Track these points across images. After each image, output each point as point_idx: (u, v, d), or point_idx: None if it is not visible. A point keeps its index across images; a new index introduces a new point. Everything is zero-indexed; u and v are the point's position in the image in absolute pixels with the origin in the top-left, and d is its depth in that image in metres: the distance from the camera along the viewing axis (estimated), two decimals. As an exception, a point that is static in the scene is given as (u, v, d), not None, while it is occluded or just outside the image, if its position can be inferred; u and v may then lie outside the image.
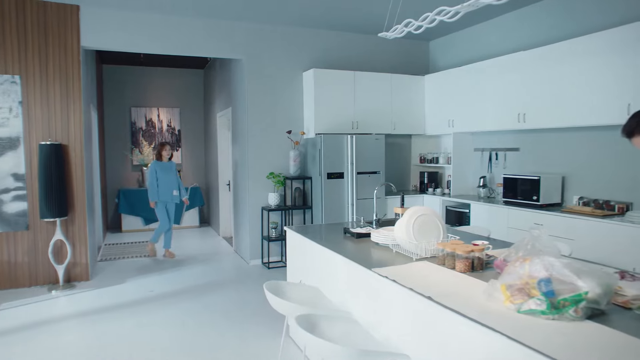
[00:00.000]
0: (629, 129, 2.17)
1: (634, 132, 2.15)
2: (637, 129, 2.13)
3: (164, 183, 6.44)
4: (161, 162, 6.49)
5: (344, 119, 6.04)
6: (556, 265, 1.76)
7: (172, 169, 6.55)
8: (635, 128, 2.14)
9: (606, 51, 4.14)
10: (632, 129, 2.15)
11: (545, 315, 1.65)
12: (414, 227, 2.59)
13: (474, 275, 2.22)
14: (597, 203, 4.52)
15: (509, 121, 5.15)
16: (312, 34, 6.27)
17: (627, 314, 1.72)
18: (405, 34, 6.34)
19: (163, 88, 9.22)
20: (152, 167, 6.42)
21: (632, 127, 2.15)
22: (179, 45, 5.72)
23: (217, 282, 5.35)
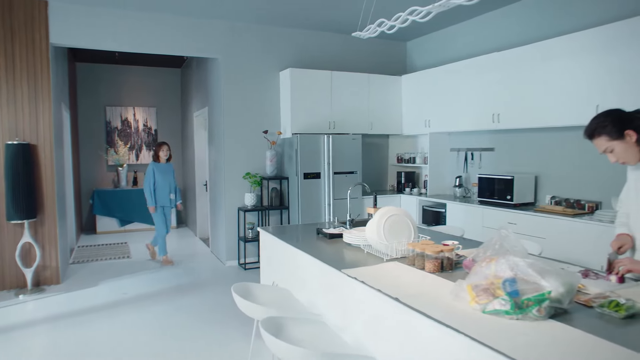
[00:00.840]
0: (589, 130, 2.19)
1: (594, 133, 2.16)
2: (597, 130, 2.15)
3: (162, 186, 6.09)
4: (159, 164, 6.14)
5: (321, 119, 6.02)
6: (521, 265, 1.77)
7: (169, 171, 6.22)
8: (595, 129, 2.16)
9: (577, 53, 4.20)
10: (593, 130, 2.17)
11: (509, 315, 1.65)
12: (385, 227, 2.57)
13: (443, 276, 2.22)
14: (569, 202, 4.59)
15: (484, 121, 5.20)
16: (288, 34, 6.23)
17: (588, 312, 1.73)
18: (382, 34, 6.37)
19: (139, 87, 9.06)
20: (149, 169, 6.07)
21: (592, 129, 2.17)
22: (154, 44, 5.62)
23: (192, 284, 5.28)
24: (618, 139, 2.10)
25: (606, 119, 2.13)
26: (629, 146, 2.11)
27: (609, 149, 2.14)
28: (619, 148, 2.12)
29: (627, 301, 1.71)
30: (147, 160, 9.09)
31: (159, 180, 6.06)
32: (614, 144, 2.12)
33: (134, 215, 8.54)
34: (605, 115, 2.15)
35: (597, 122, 2.15)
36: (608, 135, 2.11)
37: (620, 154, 2.13)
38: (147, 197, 6.03)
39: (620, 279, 2.05)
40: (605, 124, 2.12)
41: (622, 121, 2.11)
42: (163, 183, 6.09)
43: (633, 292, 1.94)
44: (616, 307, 1.68)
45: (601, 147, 2.17)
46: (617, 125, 2.10)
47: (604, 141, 2.14)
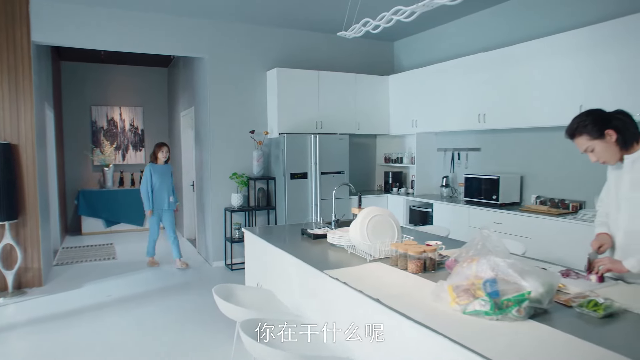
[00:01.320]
0: (570, 130, 2.20)
1: (575, 133, 2.17)
2: (578, 130, 2.16)
3: (159, 189, 5.83)
4: (157, 165, 5.88)
5: (308, 119, 6.00)
6: (501, 265, 1.77)
7: (168, 173, 5.97)
8: (576, 129, 2.17)
9: (560, 54, 4.23)
10: (574, 130, 2.18)
11: (489, 315, 1.64)
12: (368, 227, 2.56)
13: (425, 276, 2.21)
14: (553, 202, 4.62)
15: (470, 121, 5.22)
16: (275, 33, 6.20)
17: (568, 312, 1.73)
18: (370, 35, 6.36)
19: (125, 86, 8.97)
20: (146, 171, 5.82)
21: (574, 128, 2.18)
22: (139, 43, 5.56)
23: (178, 285, 5.23)
24: (598, 138, 2.11)
25: (587, 119, 2.14)
26: (609, 146, 2.12)
27: (590, 149, 2.15)
28: (599, 147, 2.13)
29: (605, 301, 1.71)
30: (134, 161, 9.01)
31: (157, 183, 5.82)
32: (595, 144, 2.13)
33: (120, 215, 8.45)
34: (586, 115, 2.16)
35: (578, 122, 2.16)
36: (588, 134, 2.12)
37: (600, 154, 2.15)
38: (144, 200, 5.79)
39: (600, 279, 2.06)
40: (586, 123, 2.12)
41: (603, 121, 2.12)
42: (161, 185, 5.85)
43: (612, 291, 1.95)
44: (595, 306, 1.69)
45: (582, 147, 2.18)
46: (598, 124, 2.11)
47: (585, 140, 2.15)
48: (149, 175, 5.80)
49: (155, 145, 5.98)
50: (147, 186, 5.77)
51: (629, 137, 2.11)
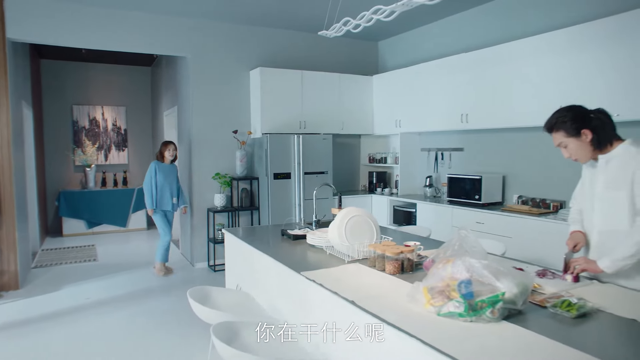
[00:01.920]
0: (549, 124, 2.20)
1: (553, 127, 2.17)
2: (557, 125, 2.15)
3: (163, 189, 5.51)
4: (162, 164, 5.55)
5: (292, 119, 5.96)
6: (476, 266, 1.75)
7: (173, 173, 5.65)
8: (555, 124, 2.16)
9: (541, 54, 4.26)
10: (552, 124, 2.18)
11: (462, 317, 1.63)
12: (347, 228, 2.54)
13: (402, 277, 2.19)
14: (535, 201, 4.65)
15: (452, 121, 5.23)
16: (259, 32, 6.15)
17: (542, 312, 1.73)
18: (354, 34, 6.35)
19: (108, 85, 8.83)
20: (151, 169, 5.49)
21: (552, 123, 2.18)
22: (120, 41, 5.47)
23: (159, 287, 5.16)
24: (574, 136, 2.12)
25: (567, 115, 2.13)
26: (583, 145, 2.12)
27: (564, 144, 2.16)
28: (573, 145, 2.13)
29: (578, 300, 1.71)
30: (117, 161, 8.89)
31: (161, 182, 5.49)
32: (569, 141, 2.13)
33: (103, 216, 8.33)
34: (566, 111, 2.15)
35: (557, 117, 2.15)
36: (565, 131, 2.12)
37: (573, 151, 2.15)
38: (147, 198, 5.49)
39: (575, 278, 2.06)
40: (565, 120, 2.12)
41: (582, 119, 2.11)
42: (164, 185, 5.51)
43: (587, 290, 1.95)
44: (568, 307, 1.68)
45: (556, 141, 2.18)
46: (576, 123, 2.10)
47: (561, 136, 2.15)
48: (154, 172, 5.47)
49: (162, 143, 5.65)
50: (150, 183, 5.46)
51: (603, 139, 2.12)
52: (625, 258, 1.97)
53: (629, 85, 3.58)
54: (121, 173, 8.87)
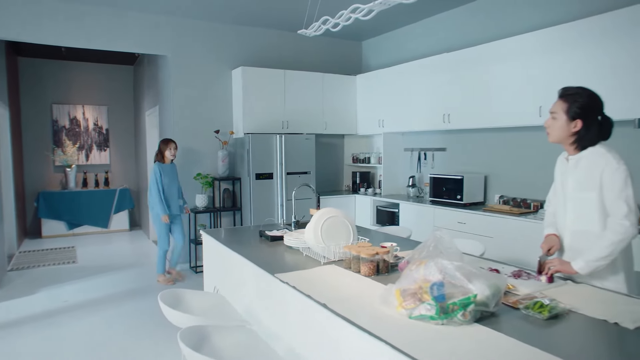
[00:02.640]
0: (566, 92, 2.10)
1: (564, 96, 2.09)
2: (569, 98, 2.07)
3: (170, 191, 5.14)
4: (164, 165, 5.13)
5: (274, 119, 5.91)
6: (449, 268, 1.73)
7: (175, 173, 5.27)
8: (570, 95, 2.07)
9: (522, 55, 4.27)
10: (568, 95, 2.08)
11: (434, 320, 1.60)
12: (322, 229, 2.50)
13: (377, 279, 2.16)
14: (515, 201, 4.67)
15: (435, 121, 5.23)
16: (241, 31, 6.10)
17: (515, 314, 1.71)
18: (337, 34, 6.32)
19: (89, 84, 8.69)
20: (155, 172, 5.07)
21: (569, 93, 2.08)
22: (98, 39, 5.37)
23: (139, 289, 5.07)
24: (569, 117, 2.07)
25: (583, 98, 2.06)
26: (567, 129, 2.09)
27: (554, 116, 2.11)
28: (559, 122, 2.09)
29: (551, 302, 1.70)
30: (98, 161, 8.75)
31: (167, 185, 5.10)
32: (561, 117, 2.09)
33: (84, 217, 8.19)
34: (587, 94, 2.08)
35: (575, 92, 2.08)
36: (568, 107, 2.07)
37: (555, 125, 2.11)
38: (157, 205, 5.04)
39: (549, 279, 2.05)
40: (577, 99, 2.06)
41: (589, 112, 2.06)
42: (171, 187, 5.14)
43: (561, 291, 1.95)
44: (540, 308, 1.67)
45: (554, 108, 2.13)
46: (583, 110, 2.05)
47: (560, 107, 2.10)
48: (159, 175, 5.06)
49: (161, 141, 5.21)
50: (158, 189, 5.05)
51: (587, 139, 2.09)
52: (599, 259, 1.97)
53: (609, 86, 3.60)
54: (103, 173, 8.73)
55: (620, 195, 1.98)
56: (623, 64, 3.50)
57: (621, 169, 1.99)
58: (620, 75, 3.52)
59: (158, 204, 5.05)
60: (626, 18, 3.47)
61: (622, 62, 3.50)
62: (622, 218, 1.96)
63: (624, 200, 1.97)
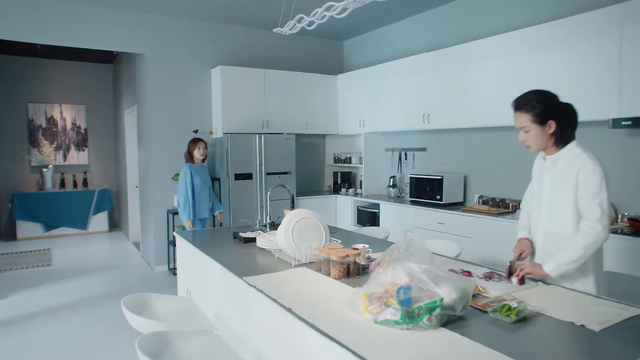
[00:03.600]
0: (519, 103, 2.08)
1: (522, 107, 2.07)
2: (526, 107, 2.05)
3: (202, 193, 4.73)
4: (195, 165, 4.75)
5: (254, 119, 5.84)
6: (416, 271, 1.69)
7: (207, 174, 4.90)
8: (525, 104, 2.05)
9: (500, 54, 4.27)
10: (522, 104, 2.06)
11: (399, 325, 1.56)
12: (294, 231, 2.45)
13: (347, 282, 2.12)
14: (494, 201, 4.67)
15: (414, 121, 5.21)
16: (220, 30, 6.01)
17: (483, 317, 1.68)
18: (318, 33, 6.28)
19: (66, 83, 8.50)
20: (186, 173, 4.65)
21: (523, 103, 2.06)
22: (73, 36, 5.23)
23: (114, 292, 4.95)
24: (539, 123, 2.05)
25: (540, 100, 2.04)
26: (543, 134, 2.06)
27: (526, 129, 2.08)
28: (534, 132, 2.07)
29: (518, 305, 1.67)
30: (76, 161, 8.57)
31: (198, 187, 4.68)
32: (533, 126, 2.06)
33: (61, 219, 8.01)
34: (540, 95, 2.06)
35: (530, 99, 2.06)
36: (533, 116, 2.04)
37: (530, 137, 2.08)
38: (183, 207, 4.65)
39: (520, 281, 2.03)
40: (536, 105, 2.04)
41: (553, 109, 2.05)
42: (202, 189, 4.72)
43: (531, 293, 1.93)
44: (508, 311, 1.64)
45: (519, 123, 2.10)
46: (546, 111, 2.03)
47: (526, 119, 2.06)
48: (190, 177, 4.64)
49: (190, 141, 4.80)
50: (187, 191, 4.63)
51: (564, 136, 2.08)
52: (570, 262, 1.95)
53: (585, 86, 3.61)
54: (81, 174, 8.56)
55: (594, 198, 1.95)
56: (598, 65, 3.51)
57: (597, 170, 1.97)
58: (595, 76, 3.52)
59: (183, 207, 4.64)
60: (601, 19, 3.47)
61: (597, 62, 3.51)
62: (594, 221, 1.93)
63: (597, 203, 1.95)
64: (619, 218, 3.62)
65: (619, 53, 3.37)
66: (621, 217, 3.60)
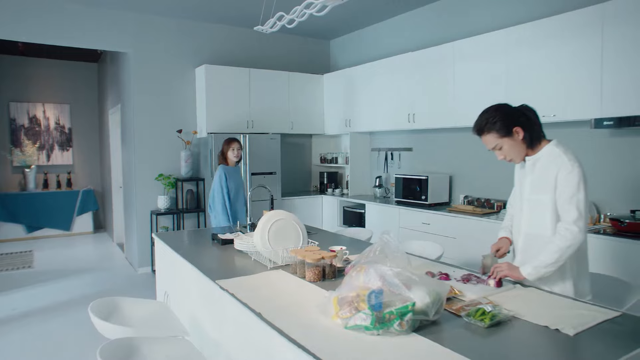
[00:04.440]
0: (479, 126, 2.11)
1: (484, 129, 2.09)
2: (487, 127, 2.07)
3: (237, 198, 4.27)
4: (230, 168, 4.26)
5: (239, 118, 5.77)
6: (388, 274, 1.64)
7: (240, 176, 4.48)
8: (485, 125, 2.08)
9: (483, 54, 4.24)
10: (482, 126, 2.09)
11: (369, 331, 1.52)
12: (270, 232, 2.40)
13: (322, 285, 2.07)
14: (480, 201, 4.65)
15: (400, 121, 5.17)
16: (204, 28, 5.93)
17: (457, 322, 1.63)
18: (305, 32, 6.23)
19: (50, 82, 8.35)
20: (219, 176, 4.17)
21: (482, 125, 2.09)
22: (55, 34, 5.12)
23: (94, 295, 4.83)
24: (507, 136, 2.04)
25: (496, 115, 2.04)
26: (516, 143, 2.05)
27: (498, 147, 2.07)
28: (507, 145, 2.06)
29: (493, 309, 1.63)
30: (60, 161, 8.43)
31: (234, 190, 4.22)
32: (503, 141, 2.05)
33: (44, 220, 7.87)
34: (494, 111, 2.07)
35: (487, 118, 2.06)
36: (497, 132, 2.04)
37: (507, 151, 2.08)
38: (220, 215, 4.12)
39: (498, 283, 1.99)
40: (495, 120, 2.03)
41: (511, 117, 2.04)
42: (238, 193, 4.28)
43: (509, 295, 1.89)
44: (482, 315, 1.60)
45: (490, 144, 2.09)
46: (506, 121, 2.03)
47: (493, 138, 2.06)
48: (224, 180, 4.16)
49: (223, 142, 4.32)
50: (223, 195, 4.14)
51: (535, 136, 2.06)
52: (547, 265, 1.91)
53: (568, 86, 3.59)
54: (65, 174, 8.42)
55: (572, 200, 1.92)
56: (580, 65, 3.49)
57: (575, 171, 1.94)
58: (578, 76, 3.51)
59: (221, 215, 4.12)
60: (583, 19, 3.46)
61: (579, 62, 3.49)
62: (570, 223, 1.90)
63: (575, 204, 1.91)
64: (601, 218, 3.61)
65: (600, 53, 3.36)
66: (603, 217, 3.59)
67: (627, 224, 3.17)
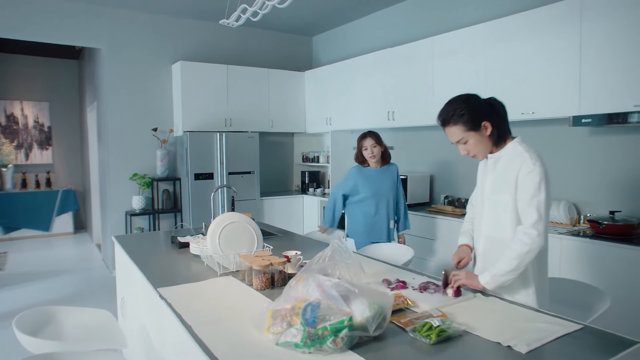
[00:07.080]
0: (444, 116, 1.93)
1: (449, 121, 1.92)
2: (454, 119, 1.90)
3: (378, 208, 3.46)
4: (367, 169, 3.49)
5: (216, 116, 5.61)
6: (326, 285, 1.50)
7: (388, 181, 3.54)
8: (451, 117, 1.90)
9: (464, 49, 4.10)
10: (448, 117, 1.91)
11: (299, 348, 1.37)
12: (221, 236, 2.25)
13: (269, 294, 1.92)
14: (460, 202, 4.51)
15: (380, 119, 5.03)
16: (181, 24, 5.76)
17: (402, 337, 1.49)
18: (287, 28, 6.08)
19: (28, 79, 8.15)
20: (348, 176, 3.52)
21: (448, 116, 1.91)
22: (25, 29, 4.94)
23: (68, 298, 4.70)
24: (473, 130, 1.89)
25: (464, 107, 1.88)
26: (482, 139, 1.91)
27: (463, 140, 1.92)
28: (473, 140, 1.91)
29: (442, 323, 1.48)
30: (39, 160, 8.24)
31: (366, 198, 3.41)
32: (469, 135, 1.90)
33: (22, 220, 7.68)
34: (463, 102, 1.91)
35: (455, 109, 1.90)
36: (464, 124, 1.88)
37: (471, 146, 1.93)
38: (327, 211, 3.54)
39: (456, 292, 1.85)
40: (463, 112, 1.88)
41: (481, 110, 1.89)
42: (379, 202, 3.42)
43: (466, 305, 1.76)
44: (428, 331, 1.45)
45: (454, 137, 1.93)
46: (475, 114, 1.88)
47: (459, 131, 1.90)
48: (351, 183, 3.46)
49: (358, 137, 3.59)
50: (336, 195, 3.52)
51: (502, 132, 1.92)
52: (506, 273, 1.77)
53: (547, 83, 3.46)
54: (44, 174, 8.23)
55: (532, 201, 1.78)
56: (559, 60, 3.35)
57: (536, 170, 1.79)
58: (557, 72, 3.37)
59: (327, 210, 3.54)
60: (561, 11, 3.32)
61: (558, 58, 3.36)
62: (529, 227, 1.76)
63: (535, 206, 1.77)
64: (580, 219, 3.48)
65: (579, 48, 3.22)
66: (583, 218, 3.46)
67: (606, 226, 3.04)
